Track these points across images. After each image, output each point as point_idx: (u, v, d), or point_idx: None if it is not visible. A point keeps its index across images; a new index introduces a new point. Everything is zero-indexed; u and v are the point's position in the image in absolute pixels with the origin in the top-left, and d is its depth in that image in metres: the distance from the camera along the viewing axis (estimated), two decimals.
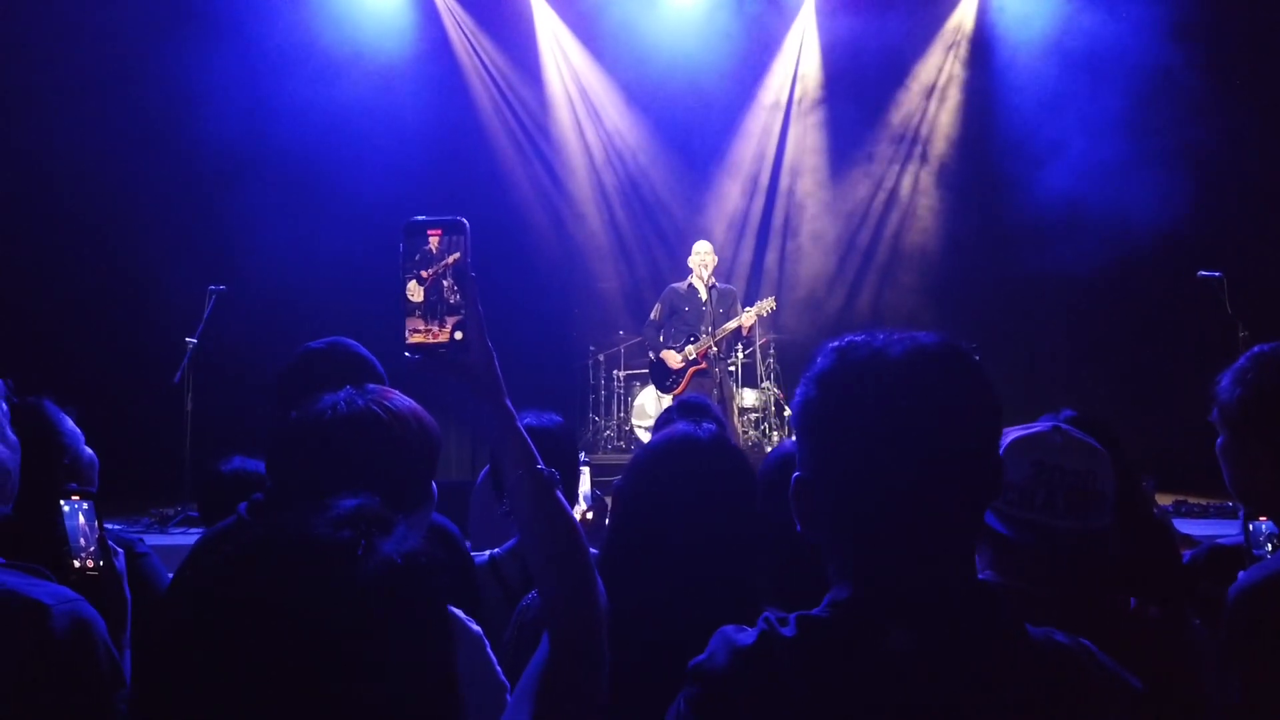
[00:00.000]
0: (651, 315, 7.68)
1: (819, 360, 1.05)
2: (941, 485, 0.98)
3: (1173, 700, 1.31)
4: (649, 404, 8.62)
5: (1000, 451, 1.48)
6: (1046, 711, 0.94)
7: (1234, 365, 1.65)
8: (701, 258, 7.40)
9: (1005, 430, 1.58)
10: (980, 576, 1.54)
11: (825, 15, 9.69)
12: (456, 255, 1.18)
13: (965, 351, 1.03)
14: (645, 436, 8.50)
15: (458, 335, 1.18)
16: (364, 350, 2.09)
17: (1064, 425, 1.57)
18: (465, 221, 1.20)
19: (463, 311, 1.18)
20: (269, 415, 2.02)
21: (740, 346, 8.05)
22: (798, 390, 1.08)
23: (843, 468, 1.01)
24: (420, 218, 1.20)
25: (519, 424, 1.24)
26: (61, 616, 1.26)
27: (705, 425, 1.57)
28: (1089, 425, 2.53)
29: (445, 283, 1.18)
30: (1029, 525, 1.48)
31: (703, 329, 7.31)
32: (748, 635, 0.99)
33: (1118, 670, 0.98)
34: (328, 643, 0.74)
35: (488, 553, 2.19)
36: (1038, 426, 1.57)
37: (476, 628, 1.50)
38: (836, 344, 1.05)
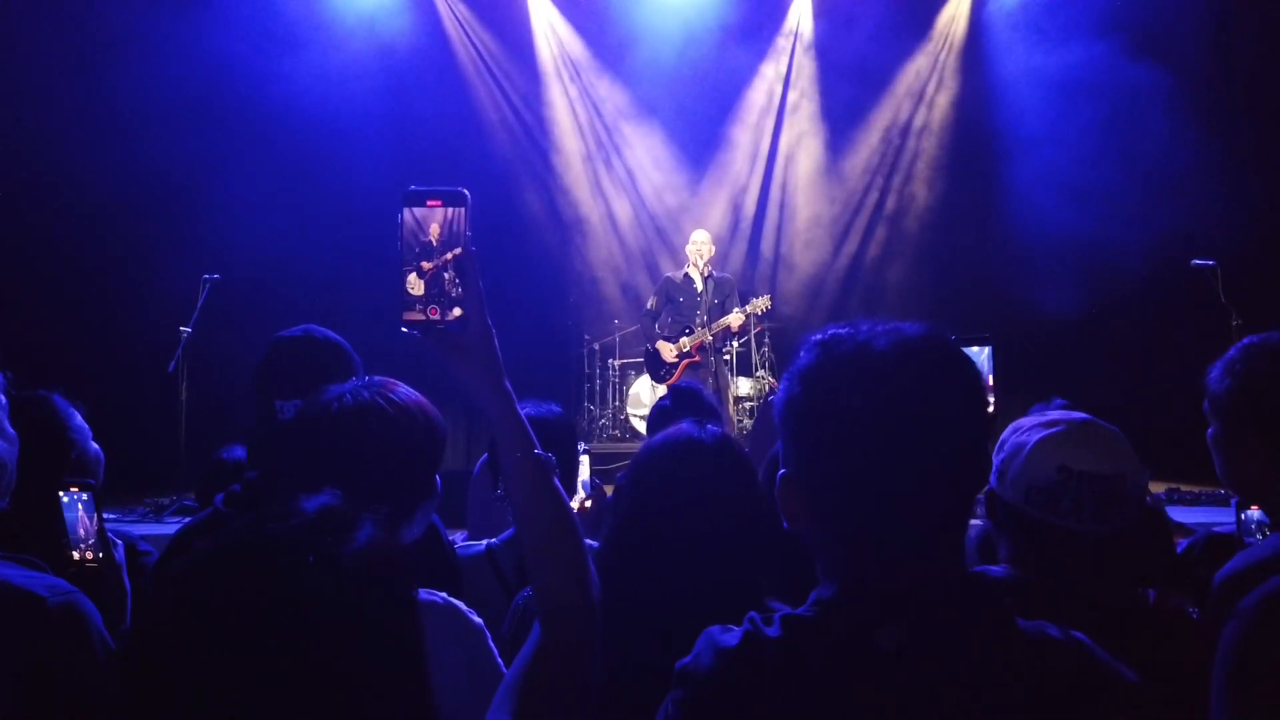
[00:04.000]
0: (648, 305, 7.67)
1: (801, 355, 1.02)
2: (929, 479, 0.96)
3: (1189, 692, 1.29)
4: (644, 393, 8.62)
5: (1026, 449, 1.47)
6: (1037, 705, 0.92)
7: (1224, 356, 1.65)
8: (698, 247, 7.39)
9: (1025, 421, 1.55)
10: (999, 568, 1.53)
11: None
12: (458, 250, 1.16)
13: (951, 342, 1.01)
14: (641, 425, 8.50)
15: (456, 312, 1.16)
16: (337, 336, 2.09)
17: (1094, 420, 1.52)
18: (467, 193, 1.18)
19: (463, 299, 1.16)
20: (251, 407, 2.02)
21: (735, 339, 8.06)
22: (780, 386, 1.05)
23: (828, 464, 0.98)
24: (420, 187, 1.18)
25: (517, 407, 1.22)
26: (57, 608, 1.25)
27: (709, 427, 1.57)
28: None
29: (446, 275, 1.15)
30: (1052, 529, 1.45)
31: (697, 320, 7.30)
32: (732, 636, 0.98)
33: (1112, 663, 0.96)
34: (288, 642, 0.75)
35: (484, 543, 2.18)
36: (1061, 422, 1.51)
37: (478, 620, 1.50)
38: (819, 337, 1.03)
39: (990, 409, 1.04)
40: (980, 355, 2.07)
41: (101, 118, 7.66)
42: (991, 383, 1.97)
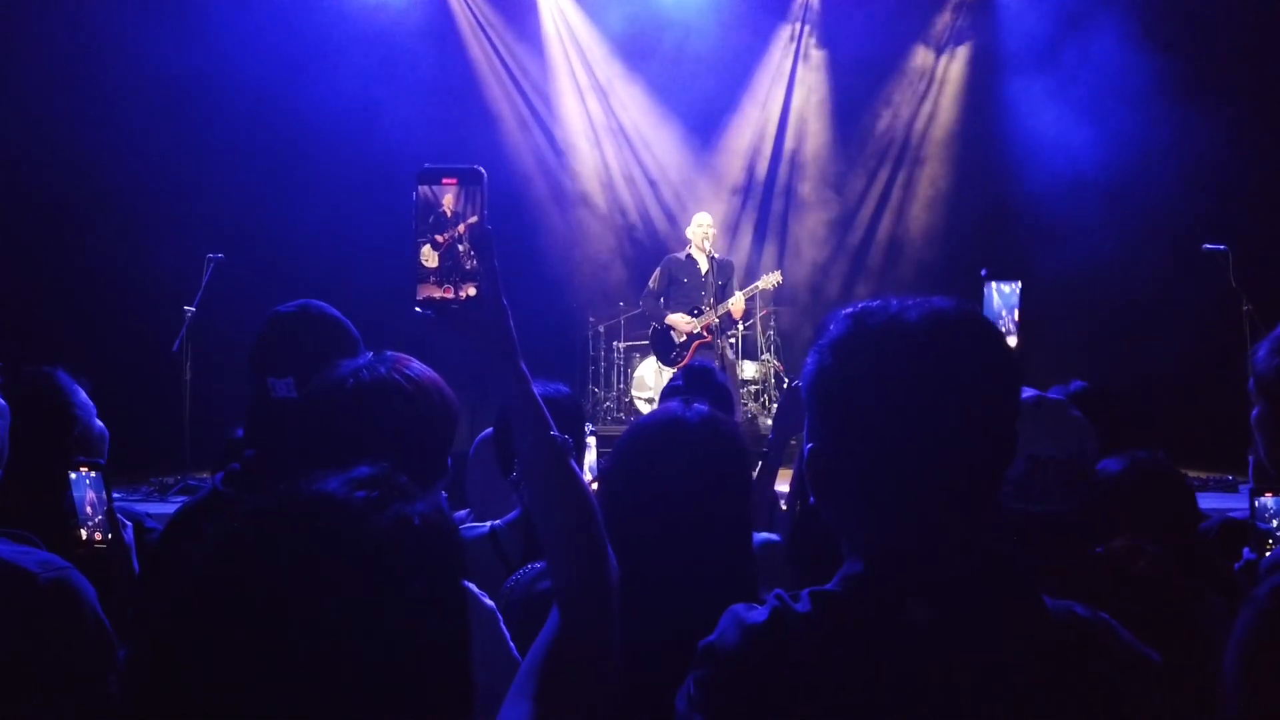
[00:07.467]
0: (650, 284, 7.63)
1: (832, 327, 1.02)
2: (960, 453, 0.96)
3: (1188, 669, 1.29)
4: (649, 375, 8.60)
5: None
6: (1063, 683, 0.92)
7: (1272, 334, 1.59)
8: (703, 229, 7.36)
9: None
10: None
11: None
12: (473, 220, 1.14)
13: (982, 316, 1.01)
14: (645, 408, 8.49)
15: (470, 291, 1.13)
16: (335, 311, 2.05)
17: (1044, 397, 1.55)
18: (483, 171, 1.15)
19: (479, 273, 1.13)
20: (248, 383, 1.98)
21: (738, 325, 8.03)
22: (809, 359, 1.04)
23: (859, 437, 0.98)
24: (435, 165, 1.15)
25: (533, 388, 1.19)
26: (48, 585, 1.24)
27: (695, 406, 1.52)
28: (1097, 397, 2.51)
29: (461, 248, 1.13)
30: (1022, 514, 1.47)
31: (705, 301, 7.28)
32: (759, 613, 0.98)
33: (1136, 643, 0.97)
34: (342, 598, 0.73)
35: (488, 524, 2.14)
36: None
37: (490, 603, 1.49)
38: (851, 310, 1.02)
39: (1019, 376, 1.03)
40: (1013, 291, 2.16)
41: (105, 97, 7.63)
42: (1019, 318, 2.01)
